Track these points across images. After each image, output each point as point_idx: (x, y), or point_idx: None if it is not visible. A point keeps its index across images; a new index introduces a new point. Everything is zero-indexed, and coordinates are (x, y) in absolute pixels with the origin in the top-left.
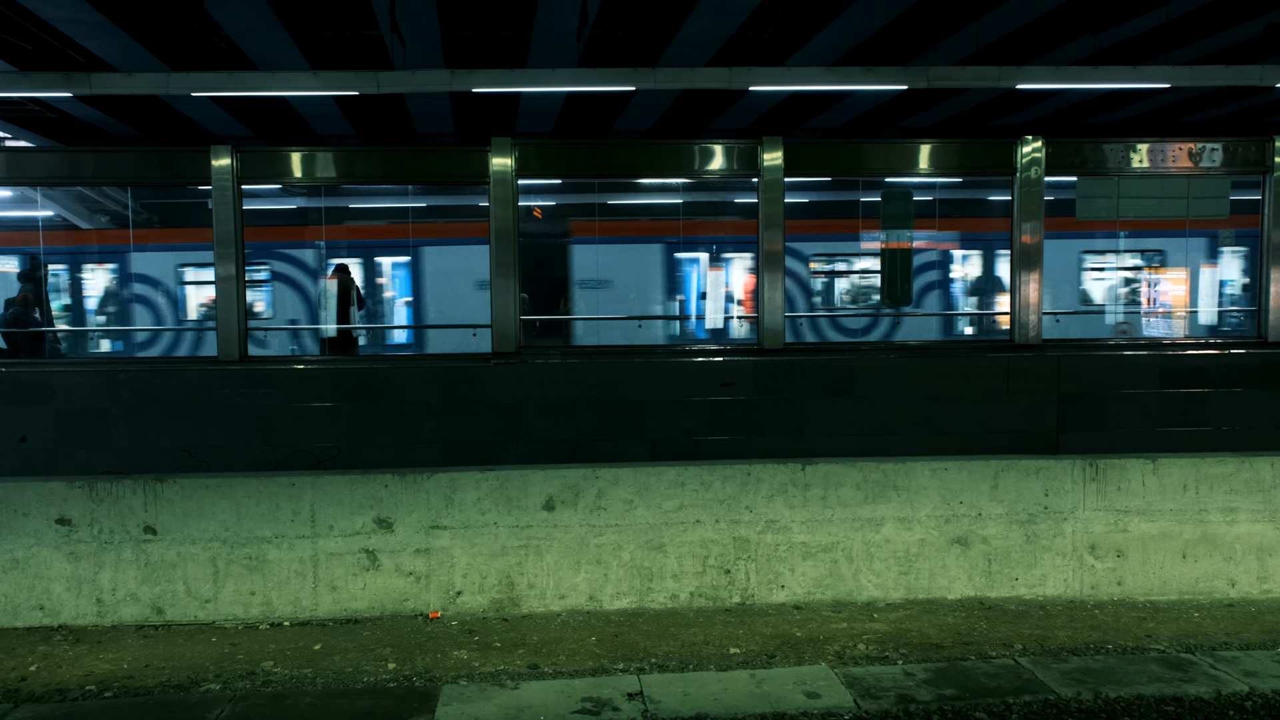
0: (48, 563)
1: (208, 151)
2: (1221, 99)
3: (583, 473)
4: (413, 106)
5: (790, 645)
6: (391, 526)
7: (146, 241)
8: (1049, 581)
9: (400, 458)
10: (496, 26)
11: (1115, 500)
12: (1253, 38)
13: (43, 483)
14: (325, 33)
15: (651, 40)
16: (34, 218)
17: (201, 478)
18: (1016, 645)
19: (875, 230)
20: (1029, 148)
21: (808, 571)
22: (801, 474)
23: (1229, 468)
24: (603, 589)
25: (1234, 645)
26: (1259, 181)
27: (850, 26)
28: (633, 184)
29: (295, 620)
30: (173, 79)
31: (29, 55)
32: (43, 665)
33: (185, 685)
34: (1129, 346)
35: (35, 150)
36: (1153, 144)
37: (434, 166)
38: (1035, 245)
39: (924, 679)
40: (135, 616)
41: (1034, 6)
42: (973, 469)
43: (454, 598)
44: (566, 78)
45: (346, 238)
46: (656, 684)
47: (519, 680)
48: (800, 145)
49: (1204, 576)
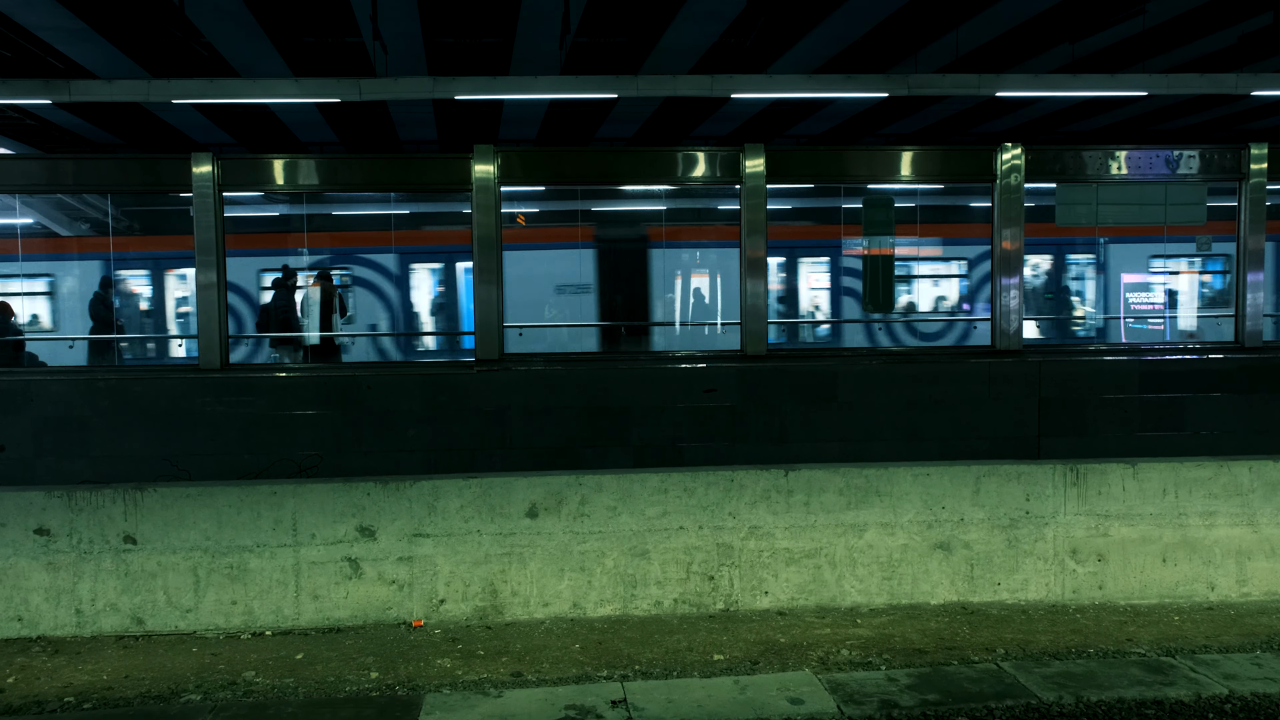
0: (26, 573)
1: (189, 159)
2: (1198, 106)
3: (566, 479)
4: (396, 113)
5: (774, 651)
6: (374, 535)
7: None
8: (1031, 586)
9: (383, 465)
10: (479, 34)
11: (1096, 505)
12: (1228, 46)
13: (20, 492)
14: (307, 40)
15: (634, 48)
16: (13, 225)
17: (182, 486)
18: (999, 650)
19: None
20: (1009, 155)
21: (791, 577)
22: (785, 480)
23: (1208, 472)
24: (586, 596)
25: (1214, 648)
26: (1235, 188)
27: (831, 35)
28: (727, 191)
29: (277, 629)
30: (153, 86)
31: (8, 62)
32: (20, 677)
33: (165, 696)
34: (1109, 351)
35: (14, 158)
36: (1131, 151)
37: (416, 173)
38: (1015, 251)
39: (907, 684)
40: (115, 627)
41: (1013, 15)
42: (955, 474)
43: (437, 606)
44: (549, 85)
45: (421, 243)
46: (640, 691)
47: (502, 688)
48: (782, 152)
49: (1184, 580)
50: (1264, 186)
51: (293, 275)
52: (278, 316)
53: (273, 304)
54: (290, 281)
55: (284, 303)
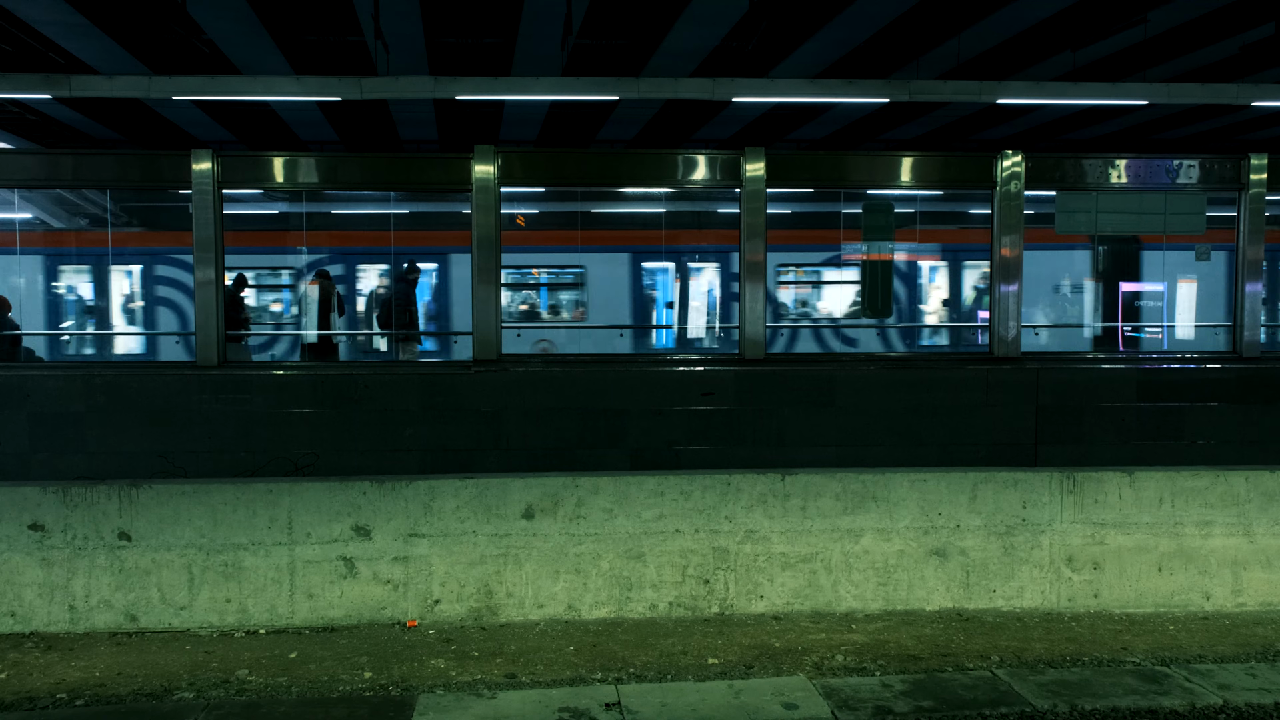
0: (19, 569)
1: (188, 155)
2: (1198, 116)
3: (562, 481)
4: (396, 113)
5: (769, 656)
6: (370, 534)
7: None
8: (1026, 593)
9: (380, 465)
10: (481, 34)
11: (1092, 513)
12: (1229, 56)
13: (15, 488)
14: (309, 38)
15: (636, 50)
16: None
17: (178, 483)
18: (994, 657)
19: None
20: (1009, 162)
21: (787, 582)
22: (781, 484)
23: (1204, 481)
24: (581, 598)
25: (1208, 658)
26: (1234, 198)
27: (833, 40)
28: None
29: (271, 628)
30: (154, 82)
31: (9, 57)
32: (13, 673)
33: (158, 694)
34: (1107, 360)
35: (14, 152)
36: (1131, 159)
37: (417, 173)
38: (1015, 258)
39: (901, 690)
40: (109, 623)
41: (1014, 23)
42: (951, 481)
43: (432, 606)
44: (550, 86)
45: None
46: (634, 694)
47: (496, 690)
48: (783, 156)
49: (1179, 589)
50: (1263, 197)
51: (415, 270)
52: (400, 310)
53: (394, 298)
54: (412, 276)
55: (404, 297)
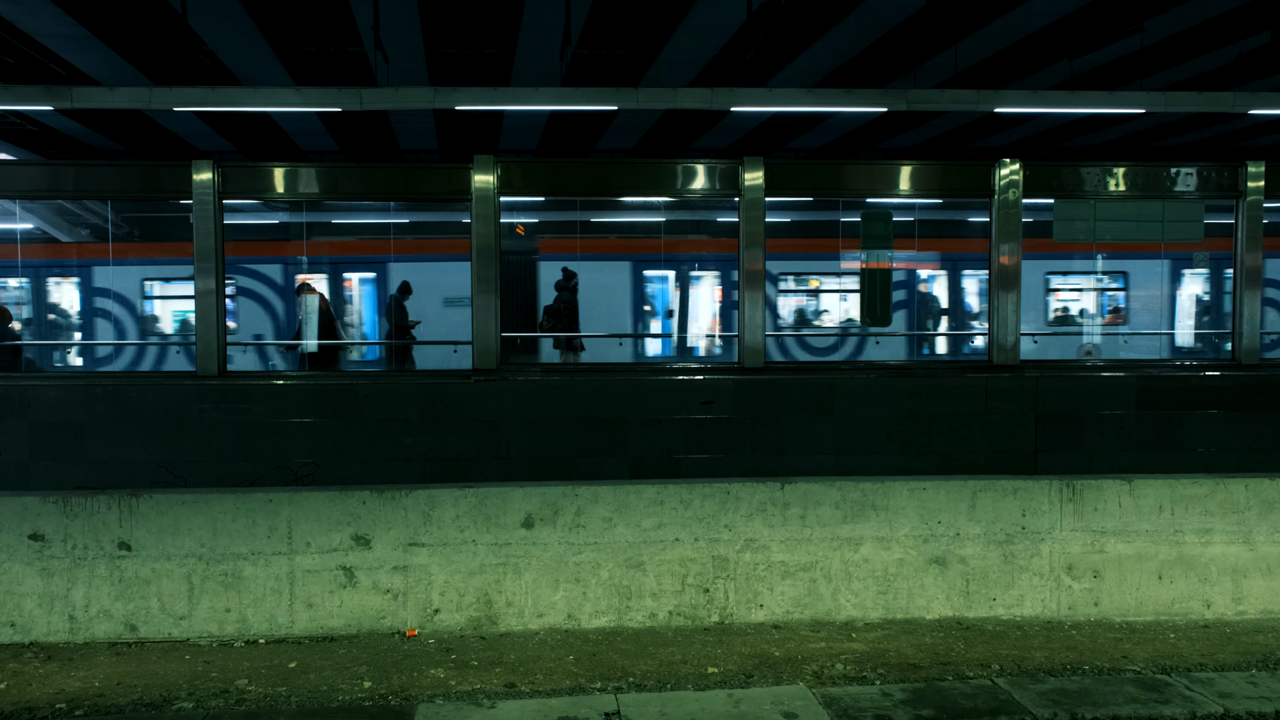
0: (19, 578)
1: (189, 166)
2: (1195, 124)
3: (562, 490)
4: (396, 123)
5: (768, 665)
6: (369, 544)
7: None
8: (1026, 602)
9: (380, 474)
10: (480, 45)
11: (1092, 521)
12: (1226, 64)
13: (15, 497)
14: (309, 49)
15: (635, 60)
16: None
17: (178, 493)
18: (994, 666)
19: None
20: (1007, 170)
21: (786, 591)
22: (780, 493)
23: (1204, 489)
24: (581, 607)
25: (1209, 666)
26: (1232, 206)
27: (831, 49)
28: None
29: (271, 638)
30: (155, 93)
31: (11, 68)
32: (12, 683)
33: (157, 704)
34: (1106, 368)
35: (16, 164)
36: (1128, 168)
37: (416, 183)
38: (1013, 266)
39: (901, 699)
40: (108, 633)
41: (1012, 32)
42: (951, 489)
43: (431, 616)
44: (550, 96)
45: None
46: (634, 703)
47: (496, 699)
48: (781, 165)
49: (1180, 597)
50: (1261, 204)
51: (573, 277)
52: (564, 317)
53: (558, 305)
54: (571, 283)
55: (567, 304)
